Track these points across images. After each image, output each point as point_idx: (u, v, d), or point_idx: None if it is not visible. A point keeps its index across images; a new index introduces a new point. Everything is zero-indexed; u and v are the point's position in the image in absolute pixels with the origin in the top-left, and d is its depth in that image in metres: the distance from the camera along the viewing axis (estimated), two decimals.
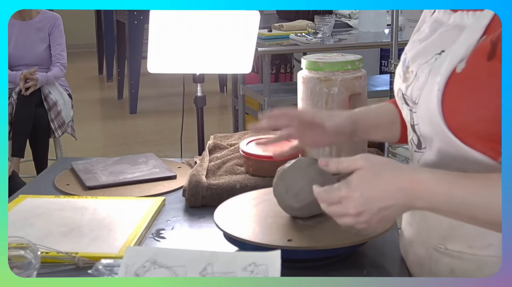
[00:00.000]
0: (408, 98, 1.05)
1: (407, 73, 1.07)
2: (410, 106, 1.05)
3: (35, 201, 1.45)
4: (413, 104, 1.04)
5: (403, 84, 1.07)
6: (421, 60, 1.04)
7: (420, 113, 1.02)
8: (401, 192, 0.93)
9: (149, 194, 1.52)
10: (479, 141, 0.95)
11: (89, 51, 8.33)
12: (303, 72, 1.53)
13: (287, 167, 1.20)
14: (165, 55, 1.97)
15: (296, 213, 1.19)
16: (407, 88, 1.06)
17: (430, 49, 1.03)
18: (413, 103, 1.04)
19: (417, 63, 1.04)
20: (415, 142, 1.07)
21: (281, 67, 4.79)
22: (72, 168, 1.69)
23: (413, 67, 1.05)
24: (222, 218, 1.22)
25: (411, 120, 1.06)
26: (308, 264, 1.15)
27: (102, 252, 1.19)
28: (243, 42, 1.97)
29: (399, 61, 1.13)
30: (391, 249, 1.21)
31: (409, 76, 1.06)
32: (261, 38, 3.45)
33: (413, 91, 1.03)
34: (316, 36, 3.53)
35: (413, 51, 1.08)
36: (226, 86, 6.58)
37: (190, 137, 2.88)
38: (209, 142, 1.71)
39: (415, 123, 1.05)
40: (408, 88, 1.05)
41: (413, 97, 1.03)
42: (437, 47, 1.02)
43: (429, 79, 0.99)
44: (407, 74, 1.07)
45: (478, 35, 0.95)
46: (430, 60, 1.01)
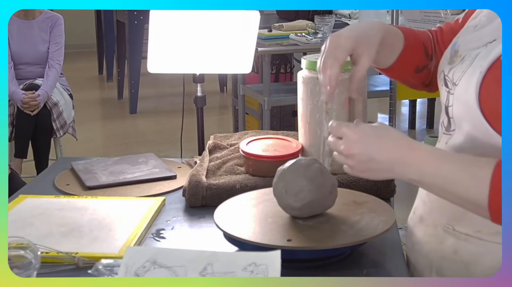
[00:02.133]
0: (449, 79, 1.09)
1: (455, 56, 1.10)
2: (448, 88, 1.08)
3: (35, 201, 1.45)
4: (452, 86, 1.07)
5: (448, 66, 1.11)
6: (472, 46, 1.06)
7: (457, 95, 1.05)
8: (395, 151, 1.00)
9: (149, 194, 1.52)
10: None
11: (89, 51, 8.33)
12: (303, 72, 1.52)
13: (287, 167, 1.20)
14: (165, 55, 1.97)
15: (296, 213, 1.19)
16: (450, 69, 1.09)
17: (483, 37, 1.06)
18: (452, 85, 1.07)
19: (468, 48, 1.07)
20: (445, 124, 1.10)
21: (281, 67, 4.79)
22: (72, 168, 1.69)
23: (462, 51, 1.08)
24: (222, 218, 1.22)
25: (446, 101, 1.09)
26: (308, 264, 1.15)
27: (102, 252, 1.19)
28: (243, 42, 1.97)
29: None
30: (391, 249, 1.21)
31: (455, 59, 1.09)
32: (261, 38, 3.45)
33: (455, 72, 1.07)
34: (316, 36, 3.53)
35: (466, 37, 1.10)
36: (226, 86, 6.58)
37: (190, 137, 2.88)
38: (209, 142, 1.71)
39: (450, 104, 1.08)
40: (451, 70, 1.08)
41: (454, 79, 1.07)
42: (490, 36, 1.04)
43: (474, 62, 1.02)
44: (455, 57, 1.10)
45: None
46: (480, 47, 1.04)
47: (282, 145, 1.54)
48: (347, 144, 1.02)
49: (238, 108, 4.11)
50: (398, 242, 1.23)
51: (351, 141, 1.02)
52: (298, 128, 1.54)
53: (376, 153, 1.01)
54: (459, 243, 1.08)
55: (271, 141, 1.58)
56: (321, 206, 1.19)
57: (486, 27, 1.08)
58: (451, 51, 1.12)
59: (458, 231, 1.09)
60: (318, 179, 1.15)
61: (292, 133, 1.68)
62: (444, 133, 1.12)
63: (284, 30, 3.68)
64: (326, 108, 1.46)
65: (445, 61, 1.13)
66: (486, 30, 1.07)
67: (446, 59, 1.13)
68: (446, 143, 1.10)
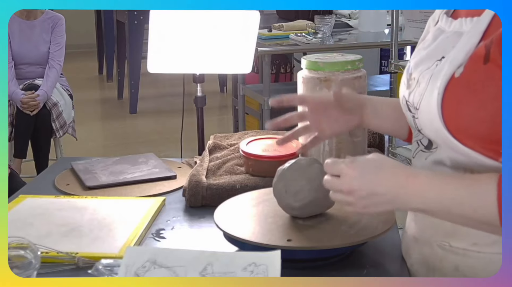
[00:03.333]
0: (410, 104, 1.08)
1: (410, 80, 1.09)
2: (412, 113, 1.08)
3: (35, 201, 1.45)
4: (415, 110, 1.06)
5: (406, 91, 1.10)
6: (423, 67, 1.06)
7: (421, 118, 1.04)
8: (395, 182, 0.98)
9: (149, 194, 1.52)
10: (479, 143, 0.96)
11: (89, 51, 8.33)
12: (303, 72, 1.53)
13: (286, 167, 1.20)
14: (165, 55, 1.97)
15: (295, 212, 1.19)
16: (409, 94, 1.08)
17: (431, 56, 1.06)
18: (414, 109, 1.06)
19: (419, 69, 1.07)
20: (424, 144, 1.09)
21: (281, 67, 4.79)
22: (72, 168, 1.69)
23: (415, 74, 1.08)
24: (222, 218, 1.22)
25: (415, 125, 1.09)
26: (308, 264, 1.15)
27: (102, 252, 1.19)
28: (243, 42, 1.97)
29: (399, 61, 1.15)
30: (391, 249, 1.21)
31: (411, 83, 1.08)
32: (261, 38, 3.45)
33: (414, 97, 1.06)
34: (316, 36, 3.53)
35: (416, 59, 1.10)
36: (226, 86, 6.58)
37: (190, 137, 2.88)
38: (209, 142, 1.71)
39: (419, 127, 1.07)
40: (411, 94, 1.08)
41: (414, 103, 1.06)
42: (438, 54, 1.04)
43: (429, 84, 1.01)
44: (410, 81, 1.09)
45: (476, 40, 0.97)
46: (431, 67, 1.04)
47: (282, 145, 1.54)
48: (346, 182, 1.00)
49: (238, 108, 4.11)
50: (398, 242, 1.23)
51: (350, 178, 1.00)
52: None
53: (376, 187, 0.99)
54: (459, 259, 1.06)
55: (271, 141, 1.58)
56: (321, 206, 1.19)
57: (432, 45, 1.08)
58: (406, 75, 1.12)
59: (455, 247, 1.06)
60: (318, 179, 1.15)
61: None
62: (422, 151, 1.10)
63: (284, 30, 3.68)
64: None
65: (403, 85, 1.13)
66: (432, 48, 1.07)
67: (404, 83, 1.12)
68: (426, 159, 1.08)
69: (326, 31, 3.56)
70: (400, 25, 3.09)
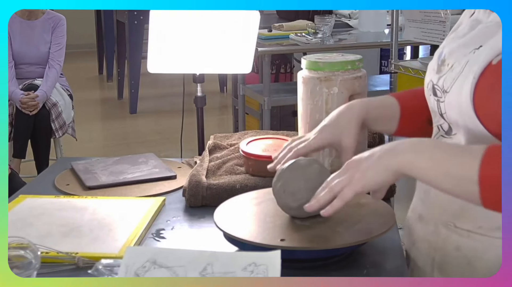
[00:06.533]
0: (438, 88, 1.11)
1: (442, 65, 1.11)
2: (438, 96, 1.11)
3: (35, 201, 1.45)
4: (442, 93, 1.09)
5: (436, 76, 1.13)
6: (459, 53, 1.08)
7: (449, 101, 1.07)
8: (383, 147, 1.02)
9: (149, 194, 1.52)
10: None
11: (89, 51, 8.34)
12: (303, 72, 1.52)
13: (286, 166, 1.20)
14: (165, 55, 1.97)
15: (293, 212, 1.19)
16: (439, 78, 1.11)
17: (469, 44, 1.08)
18: (442, 93, 1.09)
19: (455, 56, 1.09)
20: (445, 129, 1.12)
21: (281, 67, 4.79)
22: (72, 168, 1.69)
23: (450, 60, 1.10)
24: (222, 218, 1.22)
25: (438, 110, 1.12)
26: (308, 264, 1.15)
27: (102, 252, 1.19)
28: (243, 42, 1.97)
29: (399, 61, 1.16)
30: (391, 249, 1.21)
31: (443, 68, 1.11)
32: (261, 38, 3.45)
33: (445, 80, 1.09)
34: (316, 36, 3.53)
35: (452, 46, 1.12)
36: (226, 86, 6.59)
37: (190, 137, 2.88)
38: (209, 142, 1.71)
39: (443, 111, 1.10)
40: (440, 78, 1.10)
41: (444, 86, 1.08)
42: (476, 43, 1.06)
43: (465, 69, 1.04)
44: (442, 66, 1.11)
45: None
46: (468, 54, 1.05)
47: (282, 145, 1.54)
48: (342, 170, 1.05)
49: (238, 108, 4.11)
50: (398, 242, 1.23)
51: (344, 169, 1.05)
52: (298, 128, 1.54)
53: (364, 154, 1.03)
54: (461, 240, 1.09)
55: (271, 141, 1.58)
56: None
57: (469, 34, 1.10)
58: (437, 61, 1.14)
59: (459, 228, 1.09)
60: (317, 179, 1.15)
61: (292, 133, 1.68)
62: (442, 136, 1.13)
63: (284, 30, 3.68)
64: (327, 108, 1.46)
65: (432, 71, 1.16)
66: (470, 36, 1.09)
67: (433, 69, 1.15)
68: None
69: (326, 31, 3.56)
70: (400, 25, 3.10)
